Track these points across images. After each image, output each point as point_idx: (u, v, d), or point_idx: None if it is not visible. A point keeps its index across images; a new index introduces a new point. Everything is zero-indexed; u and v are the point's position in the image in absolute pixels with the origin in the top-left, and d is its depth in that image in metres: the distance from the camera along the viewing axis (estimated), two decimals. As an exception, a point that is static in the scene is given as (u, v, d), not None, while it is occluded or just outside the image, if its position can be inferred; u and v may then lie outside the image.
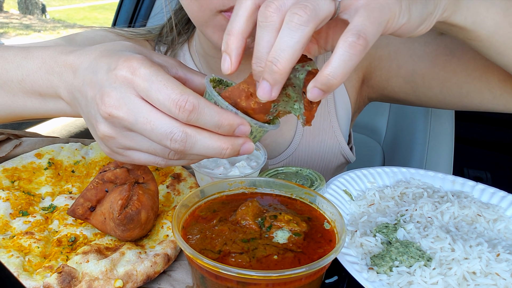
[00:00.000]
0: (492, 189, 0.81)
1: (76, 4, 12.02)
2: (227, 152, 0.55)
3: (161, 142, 0.53)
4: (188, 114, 0.51)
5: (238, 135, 0.55)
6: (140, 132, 0.54)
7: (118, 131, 0.56)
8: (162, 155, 0.57)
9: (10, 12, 10.53)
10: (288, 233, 0.57)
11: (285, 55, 0.48)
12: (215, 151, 0.54)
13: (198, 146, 0.53)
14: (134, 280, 0.61)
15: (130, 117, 0.53)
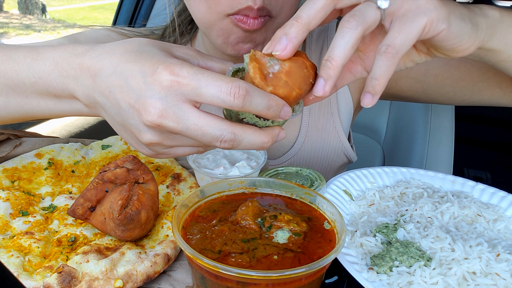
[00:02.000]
0: (492, 189, 0.81)
1: (76, 4, 12.01)
2: (268, 144, 0.58)
3: (211, 143, 0.55)
4: (243, 99, 0.52)
5: (283, 117, 0.56)
6: (190, 137, 0.56)
7: (165, 136, 0.57)
8: (206, 147, 0.61)
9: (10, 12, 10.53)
10: (288, 233, 0.57)
11: (337, 53, 0.54)
12: (258, 145, 0.57)
13: (244, 143, 0.56)
14: (134, 280, 0.61)
15: (180, 125, 0.54)
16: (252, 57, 0.57)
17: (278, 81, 0.56)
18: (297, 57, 0.57)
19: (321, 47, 1.15)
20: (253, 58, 0.56)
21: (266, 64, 0.57)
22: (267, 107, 0.54)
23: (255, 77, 0.55)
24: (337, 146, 1.14)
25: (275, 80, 0.56)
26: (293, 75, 0.56)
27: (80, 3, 12.06)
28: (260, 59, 0.57)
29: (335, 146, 1.14)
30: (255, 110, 0.54)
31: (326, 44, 1.14)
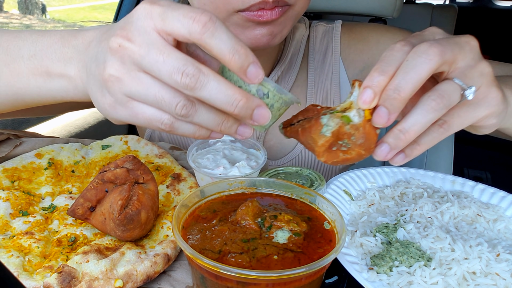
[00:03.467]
0: (492, 189, 0.81)
1: (76, 4, 12.01)
2: (239, 104, 0.51)
3: (172, 76, 0.50)
4: (203, 25, 0.49)
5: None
6: (150, 67, 0.51)
7: (126, 70, 0.52)
8: (169, 108, 0.52)
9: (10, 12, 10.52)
10: (288, 233, 0.57)
11: (413, 128, 0.54)
12: (227, 98, 0.51)
13: (210, 88, 0.50)
14: (134, 280, 0.61)
15: (143, 49, 0.50)
16: (334, 132, 0.56)
17: (333, 158, 0.57)
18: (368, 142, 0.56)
19: (326, 47, 1.14)
20: (334, 133, 0.56)
21: (339, 141, 0.57)
22: (232, 49, 0.50)
23: (319, 148, 0.56)
24: None
25: (333, 156, 0.57)
26: (350, 160, 0.57)
27: (80, 3, 12.06)
28: (339, 135, 0.56)
29: None
30: (216, 46, 0.49)
31: (331, 44, 1.14)
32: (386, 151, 0.55)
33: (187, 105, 0.52)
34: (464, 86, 0.55)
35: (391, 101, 0.53)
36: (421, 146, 0.56)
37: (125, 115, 0.55)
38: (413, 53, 0.54)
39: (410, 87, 0.53)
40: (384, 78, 0.55)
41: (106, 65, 0.53)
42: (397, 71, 0.54)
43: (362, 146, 0.56)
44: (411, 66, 0.53)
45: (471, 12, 5.13)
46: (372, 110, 0.55)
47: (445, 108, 0.54)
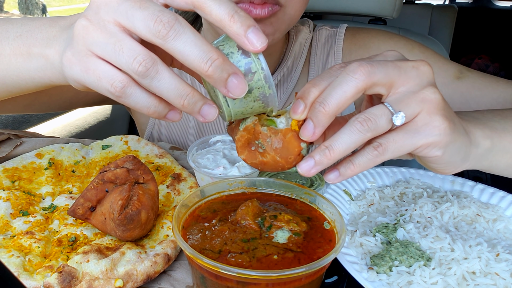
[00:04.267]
0: (492, 189, 0.81)
1: (76, 4, 12.02)
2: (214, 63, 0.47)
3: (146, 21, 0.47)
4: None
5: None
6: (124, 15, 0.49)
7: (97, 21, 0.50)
8: (126, 61, 0.48)
9: (11, 12, 10.52)
10: (288, 233, 0.57)
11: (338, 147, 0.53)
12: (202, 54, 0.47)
13: (184, 38, 0.47)
14: (134, 280, 0.61)
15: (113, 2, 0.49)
16: (248, 127, 0.56)
17: (252, 158, 0.57)
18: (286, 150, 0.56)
19: (327, 53, 1.13)
20: (249, 129, 0.56)
21: (256, 141, 0.56)
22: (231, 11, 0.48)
23: (237, 143, 0.56)
24: None
25: (251, 156, 0.57)
26: (268, 166, 0.57)
27: (80, 3, 12.06)
28: (255, 133, 0.56)
29: None
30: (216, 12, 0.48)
31: (333, 50, 1.12)
32: (310, 165, 0.54)
33: (147, 61, 0.48)
34: (392, 111, 0.53)
35: (317, 114, 0.53)
36: (355, 166, 0.55)
37: (77, 70, 0.52)
38: (343, 71, 0.54)
39: (334, 102, 0.52)
40: (314, 91, 0.55)
41: (79, 19, 0.51)
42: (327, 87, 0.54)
43: (278, 152, 0.55)
44: (337, 83, 0.53)
45: (470, 12, 5.13)
46: (301, 123, 0.55)
47: (370, 131, 0.53)
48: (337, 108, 0.53)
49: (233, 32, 0.48)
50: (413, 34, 1.83)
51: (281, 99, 1.10)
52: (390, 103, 0.54)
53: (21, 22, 0.67)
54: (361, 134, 0.53)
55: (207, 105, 0.52)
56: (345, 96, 0.52)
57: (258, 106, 0.54)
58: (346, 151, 0.54)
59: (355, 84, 0.52)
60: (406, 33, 1.84)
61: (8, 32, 0.67)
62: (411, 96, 0.54)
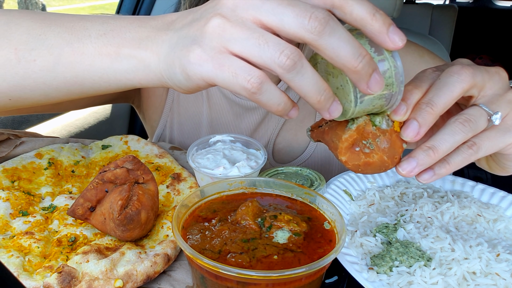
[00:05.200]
0: (492, 189, 0.81)
1: (76, 4, 12.02)
2: (364, 59, 0.47)
3: (298, 18, 0.46)
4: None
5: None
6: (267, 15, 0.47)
7: (235, 19, 0.48)
8: (271, 55, 0.47)
9: (10, 12, 10.51)
10: (288, 233, 0.57)
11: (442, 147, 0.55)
12: (354, 50, 0.46)
13: (339, 35, 0.46)
14: (134, 280, 0.61)
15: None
16: (360, 126, 0.56)
17: (354, 160, 0.57)
18: (393, 150, 0.57)
19: None
20: (360, 129, 0.56)
21: (363, 141, 0.56)
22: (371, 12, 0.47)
23: (343, 143, 0.56)
24: None
25: (354, 157, 0.57)
26: (371, 167, 0.57)
27: (80, 3, 12.06)
28: (364, 133, 0.56)
29: None
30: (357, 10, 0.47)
31: None
32: (413, 165, 0.56)
33: (295, 54, 0.47)
34: (490, 112, 0.57)
35: (423, 115, 0.55)
36: (451, 166, 0.57)
37: (209, 67, 0.50)
38: (445, 73, 0.56)
39: (442, 102, 0.55)
40: (418, 92, 0.56)
41: (209, 21, 0.49)
42: (429, 88, 0.56)
43: (385, 152, 0.56)
44: (443, 83, 0.55)
45: (471, 12, 5.13)
46: (401, 124, 0.56)
47: (471, 131, 0.56)
48: (443, 108, 0.55)
49: (375, 30, 0.48)
50: (413, 34, 1.83)
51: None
52: (485, 104, 0.58)
53: (100, 21, 0.62)
54: (463, 134, 0.55)
55: (335, 102, 0.51)
56: (452, 96, 0.55)
57: (380, 105, 0.53)
58: (448, 152, 0.56)
59: (461, 85, 0.55)
60: (406, 33, 1.83)
61: (88, 30, 0.61)
62: (499, 98, 0.58)
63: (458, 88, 0.55)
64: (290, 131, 1.12)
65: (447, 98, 0.55)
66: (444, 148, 0.55)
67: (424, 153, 0.55)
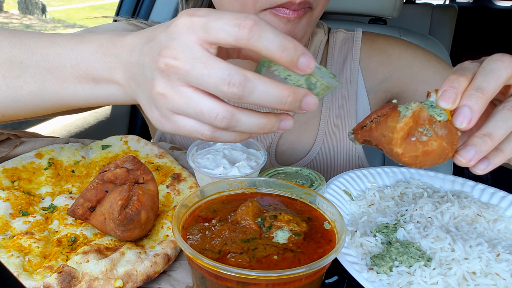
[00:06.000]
0: (492, 189, 0.81)
1: (76, 4, 12.01)
2: (288, 100, 0.52)
3: (218, 87, 0.51)
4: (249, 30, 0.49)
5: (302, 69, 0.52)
6: (196, 81, 0.52)
7: (172, 87, 0.53)
8: (209, 120, 0.53)
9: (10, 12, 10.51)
10: (288, 233, 0.57)
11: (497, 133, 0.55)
12: (276, 98, 0.51)
13: (258, 92, 0.51)
14: (134, 280, 0.61)
15: (188, 65, 0.51)
16: (415, 112, 0.55)
17: (412, 151, 0.54)
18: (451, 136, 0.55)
19: (345, 56, 1.12)
20: (415, 115, 0.54)
21: (420, 128, 0.54)
22: (281, 47, 0.50)
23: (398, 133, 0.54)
24: (353, 156, 1.11)
25: (411, 148, 0.54)
26: (431, 156, 0.55)
27: (80, 3, 12.06)
28: (420, 119, 0.55)
29: (350, 156, 1.11)
30: (265, 47, 0.50)
31: (350, 53, 1.12)
32: (472, 153, 0.55)
33: (226, 117, 0.53)
34: None
35: (475, 100, 0.54)
36: (505, 153, 0.56)
37: (170, 128, 0.57)
38: (487, 61, 0.56)
39: (492, 87, 0.54)
40: (464, 80, 0.56)
41: (154, 83, 0.54)
42: (474, 76, 0.56)
43: (444, 139, 0.54)
44: (489, 70, 0.55)
45: (471, 12, 5.13)
46: (451, 113, 0.55)
47: None
48: (493, 93, 0.55)
49: (285, 65, 0.52)
50: (414, 34, 1.83)
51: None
52: None
53: (69, 46, 0.66)
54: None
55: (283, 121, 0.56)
56: (499, 81, 0.55)
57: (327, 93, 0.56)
58: (502, 138, 0.55)
59: (507, 70, 0.55)
60: (406, 33, 1.83)
61: (62, 58, 0.66)
62: None
63: (504, 74, 0.55)
64: (293, 133, 1.11)
65: (496, 83, 0.55)
66: (499, 134, 0.54)
67: (481, 140, 0.54)
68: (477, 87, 0.55)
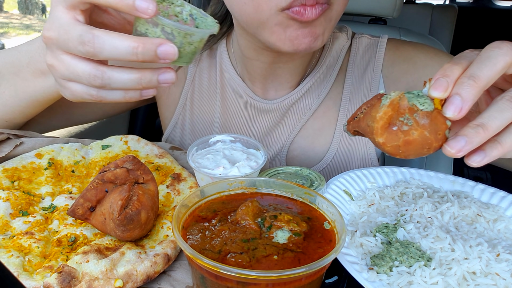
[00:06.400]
0: (492, 189, 0.81)
1: (76, 4, 12.00)
2: (139, 50, 0.57)
3: (77, 48, 0.58)
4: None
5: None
6: (62, 46, 0.59)
7: (54, 56, 0.61)
8: (88, 82, 0.61)
9: (10, 12, 10.50)
10: (288, 233, 0.57)
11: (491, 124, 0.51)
12: (126, 50, 0.57)
13: (107, 47, 0.57)
14: (134, 280, 0.61)
15: (55, 33, 0.59)
16: (394, 101, 0.53)
17: (393, 140, 0.53)
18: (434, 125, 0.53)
19: (367, 62, 1.08)
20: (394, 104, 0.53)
21: (400, 117, 0.53)
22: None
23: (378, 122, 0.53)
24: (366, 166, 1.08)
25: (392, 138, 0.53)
26: (413, 146, 0.53)
27: (80, 3, 12.04)
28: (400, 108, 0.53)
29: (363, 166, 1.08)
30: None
31: (373, 60, 1.08)
32: (461, 143, 0.51)
33: (98, 76, 0.59)
34: None
35: (466, 88, 0.51)
36: (503, 146, 0.53)
37: (68, 95, 0.65)
38: (485, 49, 0.53)
39: (485, 75, 0.51)
40: (458, 68, 0.54)
41: (46, 57, 0.63)
42: (470, 65, 0.53)
43: (426, 128, 0.52)
44: (484, 57, 0.52)
45: (471, 12, 5.13)
46: (442, 102, 0.53)
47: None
48: (487, 82, 0.52)
49: (125, 9, 0.57)
50: (414, 34, 1.83)
51: (312, 106, 1.07)
52: None
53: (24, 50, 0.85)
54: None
55: (162, 74, 0.62)
56: (495, 69, 0.52)
57: (199, 42, 0.62)
58: (497, 130, 0.52)
59: (504, 58, 0.52)
60: (406, 33, 1.83)
61: (21, 61, 0.84)
62: None
63: (501, 61, 0.52)
64: (307, 138, 1.08)
65: (490, 71, 0.52)
66: (493, 125, 0.51)
67: (473, 130, 0.51)
68: (470, 75, 0.52)
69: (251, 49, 1.00)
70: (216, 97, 1.13)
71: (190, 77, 1.16)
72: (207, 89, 1.15)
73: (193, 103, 1.16)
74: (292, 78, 1.05)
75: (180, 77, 1.16)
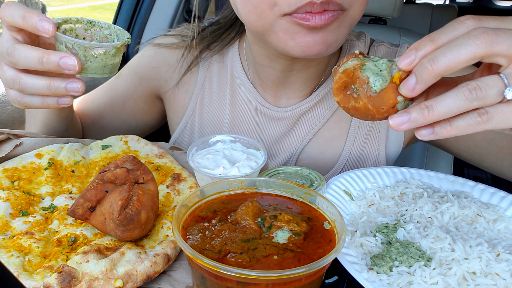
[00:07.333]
0: (492, 189, 0.81)
1: (76, 4, 12.01)
2: (43, 60, 0.69)
3: (6, 59, 0.72)
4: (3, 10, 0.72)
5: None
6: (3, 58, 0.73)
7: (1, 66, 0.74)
8: (13, 86, 0.74)
9: (10, 12, 10.47)
10: (288, 233, 0.57)
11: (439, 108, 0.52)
12: (35, 60, 0.70)
13: (23, 57, 0.70)
14: (134, 280, 0.61)
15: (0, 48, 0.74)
16: (348, 70, 0.57)
17: (345, 102, 0.59)
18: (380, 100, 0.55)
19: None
20: (348, 72, 0.57)
21: (352, 85, 0.57)
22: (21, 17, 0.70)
23: (334, 85, 0.58)
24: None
25: (346, 100, 0.58)
26: (358, 112, 0.58)
27: (80, 3, 12.06)
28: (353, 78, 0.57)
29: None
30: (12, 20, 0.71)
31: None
32: (403, 119, 0.54)
33: (16, 80, 0.72)
34: (507, 84, 0.51)
35: (422, 71, 0.52)
36: (452, 128, 0.53)
37: (10, 100, 0.78)
38: (465, 33, 0.52)
39: (444, 63, 0.51)
40: (430, 45, 0.53)
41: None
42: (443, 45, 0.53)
43: (371, 100, 0.55)
44: (455, 44, 0.52)
45: (471, 12, 5.12)
46: (403, 77, 0.55)
47: (477, 100, 0.51)
48: (445, 69, 0.51)
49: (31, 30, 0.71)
50: (414, 34, 1.83)
51: (324, 116, 1.05)
52: (507, 75, 0.52)
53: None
54: (466, 102, 0.51)
55: (70, 83, 0.73)
56: (458, 59, 0.51)
57: (109, 54, 0.74)
58: (445, 115, 0.53)
59: (473, 50, 0.50)
60: (406, 33, 1.83)
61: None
62: None
63: (468, 52, 0.50)
64: (317, 148, 1.07)
65: (452, 60, 0.51)
66: (440, 110, 0.52)
67: (419, 110, 0.53)
68: (431, 58, 0.52)
69: (263, 55, 0.98)
70: (226, 102, 1.11)
71: (200, 81, 1.14)
72: (216, 93, 1.13)
73: (202, 107, 1.14)
74: (305, 87, 1.03)
75: (190, 82, 1.15)
